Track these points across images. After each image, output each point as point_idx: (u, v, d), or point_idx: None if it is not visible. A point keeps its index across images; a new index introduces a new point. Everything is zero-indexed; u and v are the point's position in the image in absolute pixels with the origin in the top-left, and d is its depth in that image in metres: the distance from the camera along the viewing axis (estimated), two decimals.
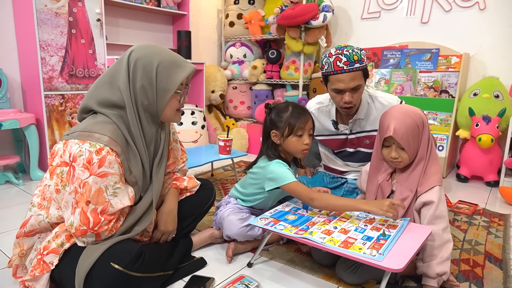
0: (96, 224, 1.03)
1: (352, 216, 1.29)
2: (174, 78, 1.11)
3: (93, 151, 1.01)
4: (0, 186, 2.26)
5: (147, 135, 1.16)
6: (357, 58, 1.42)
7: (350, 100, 1.47)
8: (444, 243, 1.19)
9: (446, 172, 2.67)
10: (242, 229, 1.39)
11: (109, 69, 1.14)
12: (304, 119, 1.37)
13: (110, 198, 1.04)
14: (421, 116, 1.26)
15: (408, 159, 1.25)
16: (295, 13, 3.04)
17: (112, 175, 1.03)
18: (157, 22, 3.35)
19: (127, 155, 1.10)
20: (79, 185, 1.01)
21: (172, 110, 1.17)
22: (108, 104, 1.11)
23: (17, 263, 1.16)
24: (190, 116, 3.14)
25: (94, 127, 1.06)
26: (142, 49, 1.12)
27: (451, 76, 2.74)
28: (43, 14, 2.25)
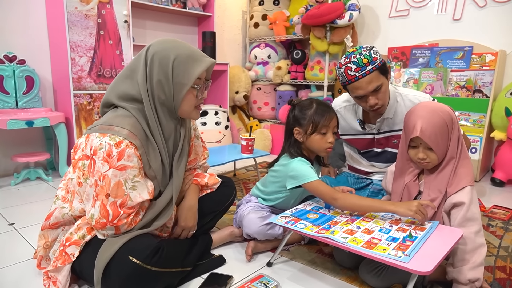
0: (115, 217, 1.03)
1: (377, 216, 1.24)
2: (191, 72, 1.10)
3: (112, 144, 1.01)
4: (31, 182, 2.34)
5: (166, 130, 1.16)
6: (367, 60, 1.36)
7: (375, 102, 1.41)
8: (477, 247, 1.11)
9: (479, 176, 2.53)
10: (262, 228, 1.36)
11: (129, 64, 1.15)
12: (328, 117, 1.34)
13: (129, 191, 1.04)
14: (450, 113, 1.18)
15: (437, 159, 1.17)
16: (320, 12, 2.99)
17: (131, 168, 1.04)
18: (183, 23, 3.39)
19: (146, 149, 1.09)
20: (99, 178, 1.02)
21: (190, 105, 1.16)
22: (128, 98, 1.11)
23: (41, 255, 1.18)
24: (213, 117, 3.16)
25: (114, 121, 1.07)
26: (160, 44, 1.12)
27: (486, 74, 2.60)
28: (73, 16, 2.33)
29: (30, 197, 2.07)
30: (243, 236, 1.45)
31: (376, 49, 1.42)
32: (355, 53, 1.38)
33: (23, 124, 2.18)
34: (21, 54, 2.37)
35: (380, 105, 1.43)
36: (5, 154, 2.42)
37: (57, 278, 1.11)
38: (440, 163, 1.19)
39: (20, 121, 2.16)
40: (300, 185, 1.31)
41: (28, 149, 2.51)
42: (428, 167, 1.21)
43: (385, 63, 1.41)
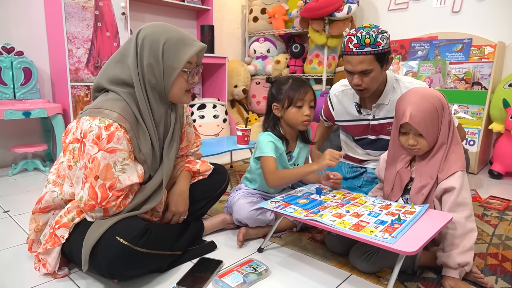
0: (104, 199, 1.03)
1: (367, 201, 1.23)
2: (181, 56, 1.10)
3: (102, 126, 1.02)
4: (29, 173, 2.36)
5: (156, 114, 1.16)
6: (370, 41, 1.34)
7: (358, 83, 1.41)
8: (467, 232, 1.11)
9: (477, 169, 2.51)
10: (252, 213, 1.36)
11: (120, 48, 1.15)
12: (303, 91, 1.38)
13: (119, 174, 1.04)
14: (440, 99, 1.17)
15: (427, 145, 1.17)
16: (318, 5, 2.99)
17: (120, 151, 1.04)
18: (181, 17, 3.40)
19: (136, 132, 1.10)
20: (89, 160, 1.02)
21: (180, 89, 1.16)
22: (119, 82, 1.11)
23: (32, 238, 1.19)
24: (212, 110, 3.16)
25: (104, 104, 1.07)
26: (151, 28, 1.12)
27: (484, 67, 2.59)
28: (71, 7, 2.33)
29: (27, 187, 2.08)
30: (235, 223, 1.46)
31: (387, 35, 1.39)
32: (365, 30, 1.36)
33: (20, 114, 2.19)
34: (19, 45, 2.38)
35: (363, 87, 1.43)
36: (3, 145, 2.44)
37: (47, 260, 1.11)
38: (431, 149, 1.19)
39: (17, 111, 2.17)
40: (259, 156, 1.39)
41: (26, 140, 2.53)
42: (419, 154, 1.20)
43: (387, 52, 1.39)
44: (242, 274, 1.12)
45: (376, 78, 1.43)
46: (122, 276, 1.05)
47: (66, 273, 1.15)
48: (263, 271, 1.16)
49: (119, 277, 1.05)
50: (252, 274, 1.12)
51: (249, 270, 1.15)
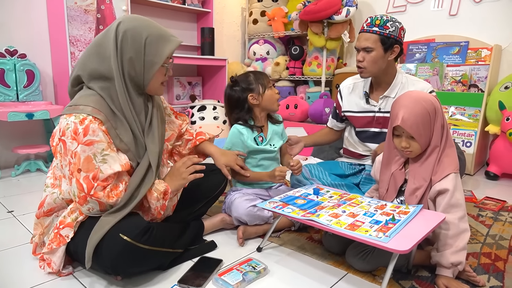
0: (90, 189, 1.05)
1: (363, 202, 1.26)
2: (162, 51, 1.13)
3: (77, 121, 1.04)
4: (31, 173, 2.39)
5: (136, 105, 1.18)
6: (380, 23, 1.50)
7: (360, 59, 1.55)
8: (460, 232, 1.14)
9: (474, 170, 2.55)
10: (250, 209, 1.40)
11: (96, 40, 1.15)
12: (265, 76, 1.57)
13: (100, 165, 1.06)
14: (433, 102, 1.19)
15: (419, 148, 1.19)
16: (317, 8, 3.02)
17: (97, 142, 1.06)
18: (182, 19, 3.43)
19: (113, 123, 1.11)
20: (71, 156, 1.05)
21: (158, 82, 1.19)
22: (97, 75, 1.12)
23: (37, 241, 1.22)
24: (212, 111, 3.19)
25: (78, 101, 1.10)
26: (131, 21, 1.13)
27: (481, 69, 2.62)
28: (73, 11, 2.37)
29: (30, 188, 2.11)
30: (234, 223, 1.49)
31: (400, 26, 1.53)
32: (383, 15, 1.54)
33: (24, 116, 2.22)
34: (22, 48, 2.42)
35: (363, 66, 1.56)
36: (6, 146, 2.47)
37: (51, 259, 1.15)
38: (424, 151, 1.21)
39: (20, 113, 2.21)
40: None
41: (28, 141, 2.56)
42: (411, 156, 1.23)
43: (393, 40, 1.51)
44: (242, 273, 1.15)
45: (377, 60, 1.52)
46: (126, 273, 1.09)
47: (71, 271, 1.18)
48: (262, 269, 1.19)
49: (123, 273, 1.08)
50: (251, 273, 1.16)
51: (248, 269, 1.18)
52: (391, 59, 1.56)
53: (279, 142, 1.61)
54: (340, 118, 1.84)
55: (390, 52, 1.53)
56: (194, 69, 3.66)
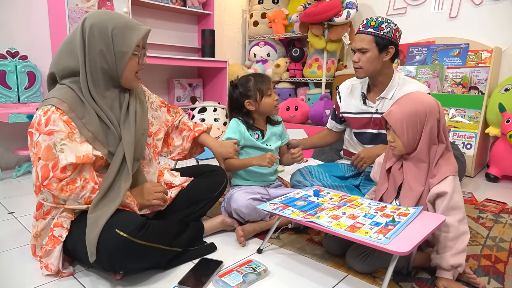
0: (44, 178, 1.05)
1: (363, 204, 1.27)
2: (130, 40, 1.15)
3: (41, 113, 1.08)
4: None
5: (108, 97, 1.18)
6: (375, 24, 1.52)
7: (355, 60, 1.58)
8: (460, 234, 1.14)
9: (474, 172, 2.55)
10: (249, 201, 1.43)
11: (66, 38, 1.18)
12: (266, 81, 1.57)
13: (59, 154, 1.07)
14: (429, 106, 1.17)
15: (402, 146, 1.20)
16: (318, 10, 3.03)
17: (57, 132, 1.07)
18: (183, 21, 3.44)
19: (79, 113, 1.12)
20: (34, 146, 1.08)
21: (131, 72, 1.20)
22: (68, 72, 1.15)
23: (33, 243, 1.23)
24: (212, 113, 3.20)
25: (48, 95, 1.14)
26: (96, 16, 1.15)
27: (481, 71, 2.63)
28: (74, 12, 2.38)
29: (31, 189, 2.11)
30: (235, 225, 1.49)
31: (395, 28, 1.54)
32: (379, 17, 1.55)
33: (25, 117, 2.22)
34: (23, 50, 2.43)
35: (358, 66, 1.58)
36: (7, 148, 2.47)
37: (48, 262, 1.15)
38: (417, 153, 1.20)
39: (21, 114, 2.21)
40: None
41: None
42: (395, 153, 1.25)
43: (388, 41, 1.53)
44: (242, 274, 1.15)
45: (372, 61, 1.55)
46: (123, 269, 1.10)
47: (71, 272, 1.18)
48: (262, 271, 1.19)
49: (119, 269, 1.09)
50: (251, 274, 1.16)
51: (249, 270, 1.18)
52: (386, 60, 1.57)
53: (276, 142, 1.64)
54: (339, 119, 1.85)
55: (385, 53, 1.55)
56: (195, 70, 3.67)
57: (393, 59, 1.60)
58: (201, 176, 1.47)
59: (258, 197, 1.48)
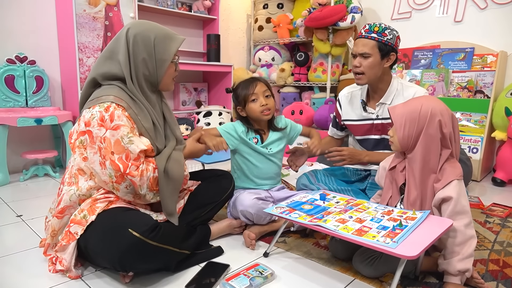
0: (125, 167, 1.14)
1: (370, 207, 1.27)
2: (169, 49, 1.26)
3: (102, 110, 1.14)
4: (39, 178, 2.42)
5: (151, 100, 1.28)
6: (378, 29, 1.51)
7: (356, 65, 1.56)
8: (467, 239, 1.13)
9: (481, 176, 2.53)
10: (254, 201, 1.44)
11: (108, 46, 1.26)
12: (251, 86, 1.52)
13: (128, 146, 1.15)
14: (433, 109, 1.16)
15: (398, 142, 1.21)
16: (322, 15, 3.04)
17: (123, 126, 1.15)
18: (188, 26, 3.47)
19: (135, 109, 1.20)
20: (101, 141, 1.13)
21: (170, 78, 1.32)
22: (111, 77, 1.23)
23: (49, 242, 1.24)
24: (217, 117, 3.21)
25: (99, 94, 1.20)
26: (139, 26, 1.25)
27: (487, 75, 2.62)
28: (82, 18, 2.41)
29: (38, 192, 2.13)
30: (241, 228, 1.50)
31: (397, 35, 1.56)
32: (381, 23, 1.56)
33: (32, 121, 2.25)
34: (32, 55, 2.46)
35: (360, 71, 1.56)
36: (15, 151, 2.50)
37: (63, 257, 1.17)
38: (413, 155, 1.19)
39: (29, 119, 2.24)
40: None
41: (37, 146, 2.59)
42: (393, 149, 1.27)
43: (390, 48, 1.53)
44: (249, 278, 1.15)
45: (373, 66, 1.54)
46: (133, 269, 1.12)
47: (79, 275, 1.19)
48: (269, 275, 1.19)
49: (130, 269, 1.11)
50: (258, 278, 1.16)
51: (255, 274, 1.18)
52: (386, 66, 1.58)
53: (279, 146, 1.62)
54: (340, 126, 1.85)
55: (386, 60, 1.55)
56: (200, 75, 3.69)
57: (392, 66, 1.61)
58: (208, 180, 1.48)
59: (263, 197, 1.49)
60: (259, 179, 1.59)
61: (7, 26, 2.41)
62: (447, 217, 1.15)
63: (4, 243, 1.46)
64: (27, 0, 2.47)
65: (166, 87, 1.34)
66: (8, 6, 2.40)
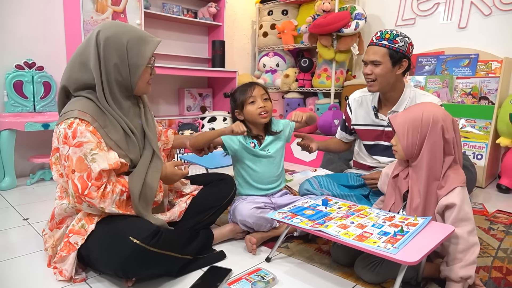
0: (84, 188, 1.09)
1: (372, 213, 1.27)
2: (144, 53, 1.19)
3: (65, 127, 1.11)
4: (46, 182, 2.45)
5: (123, 107, 1.23)
6: (389, 37, 1.51)
7: (368, 72, 1.56)
8: (470, 246, 1.13)
9: (485, 183, 2.52)
10: (253, 210, 1.44)
11: (78, 49, 1.20)
12: (249, 90, 1.54)
13: (90, 164, 1.10)
14: (435, 116, 1.17)
15: (402, 151, 1.21)
16: (326, 21, 3.07)
17: (86, 143, 1.10)
18: (194, 32, 3.51)
19: (101, 122, 1.16)
20: (65, 160, 1.11)
21: (144, 82, 1.26)
22: (82, 85, 1.18)
23: (50, 254, 1.26)
24: (222, 122, 3.23)
25: (66, 109, 1.17)
26: (110, 28, 1.18)
27: (491, 81, 2.62)
28: (89, 24, 2.45)
29: (44, 196, 2.16)
30: (243, 233, 1.51)
31: (409, 42, 1.54)
32: (393, 30, 1.55)
33: (40, 126, 2.29)
34: (40, 61, 2.51)
35: (372, 78, 1.56)
36: (22, 156, 2.54)
37: (63, 268, 1.18)
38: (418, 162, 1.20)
39: (37, 123, 2.28)
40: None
41: (43, 151, 2.62)
42: (397, 157, 1.27)
43: (402, 55, 1.52)
44: (251, 282, 1.16)
45: (385, 74, 1.53)
46: (135, 275, 1.12)
47: (84, 278, 1.21)
48: (271, 279, 1.20)
49: (132, 275, 1.11)
50: (260, 283, 1.17)
51: (257, 279, 1.19)
52: (399, 73, 1.56)
53: (276, 145, 1.62)
54: (349, 130, 1.84)
55: (398, 67, 1.54)
56: (205, 81, 3.72)
57: (405, 73, 1.60)
58: (210, 185, 1.50)
59: (262, 205, 1.49)
60: (261, 184, 1.59)
61: (17, 33, 2.46)
62: (450, 224, 1.15)
63: (11, 246, 1.49)
64: (37, 8, 2.52)
65: (141, 91, 1.27)
66: (19, 14, 2.45)
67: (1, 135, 2.22)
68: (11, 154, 2.26)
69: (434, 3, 3.02)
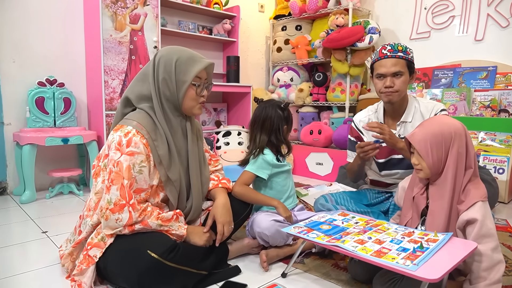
0: (131, 198, 1.14)
1: (390, 228, 1.24)
2: (190, 70, 1.26)
3: (122, 135, 1.18)
4: (64, 196, 2.49)
5: (172, 123, 1.30)
6: (402, 49, 1.52)
7: (391, 84, 1.51)
8: (495, 264, 1.09)
9: (508, 198, 2.44)
10: (271, 222, 1.43)
11: (143, 69, 1.34)
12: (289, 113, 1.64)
13: (136, 174, 1.17)
14: (455, 128, 1.15)
15: (427, 168, 1.17)
16: (340, 36, 3.08)
17: (138, 154, 1.17)
18: (209, 49, 3.58)
19: (153, 135, 1.22)
20: (113, 165, 1.15)
21: (191, 100, 1.30)
22: (142, 97, 1.29)
23: (71, 268, 1.28)
24: (236, 137, 3.25)
25: (126, 117, 1.24)
26: (166, 50, 1.31)
27: (511, 94, 2.56)
28: (108, 42, 2.53)
29: (63, 209, 2.20)
30: (259, 248, 1.49)
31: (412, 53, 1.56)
32: (396, 43, 1.55)
33: (60, 141, 2.35)
34: (61, 77, 2.59)
35: (394, 90, 1.52)
36: (42, 170, 2.60)
37: (82, 280, 1.18)
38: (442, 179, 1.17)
39: (57, 138, 2.34)
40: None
41: (63, 165, 2.68)
42: (421, 176, 1.22)
43: (414, 65, 1.55)
44: None
45: (405, 84, 1.54)
46: None
47: None
48: None
49: None
50: None
51: None
52: (410, 83, 1.59)
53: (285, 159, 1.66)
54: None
55: (411, 78, 1.56)
56: (220, 95, 3.77)
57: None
58: None
59: (280, 219, 1.48)
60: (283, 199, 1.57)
61: (40, 52, 2.56)
62: (472, 240, 1.11)
63: (30, 259, 1.51)
64: (59, 28, 2.62)
65: (189, 111, 1.32)
66: (42, 34, 2.56)
67: (23, 149, 2.29)
68: (32, 168, 2.32)
69: (450, 16, 3.00)
